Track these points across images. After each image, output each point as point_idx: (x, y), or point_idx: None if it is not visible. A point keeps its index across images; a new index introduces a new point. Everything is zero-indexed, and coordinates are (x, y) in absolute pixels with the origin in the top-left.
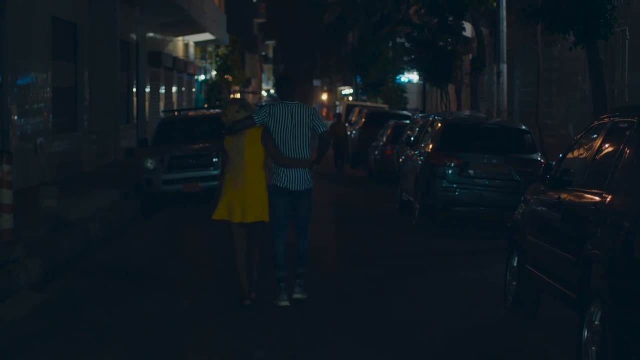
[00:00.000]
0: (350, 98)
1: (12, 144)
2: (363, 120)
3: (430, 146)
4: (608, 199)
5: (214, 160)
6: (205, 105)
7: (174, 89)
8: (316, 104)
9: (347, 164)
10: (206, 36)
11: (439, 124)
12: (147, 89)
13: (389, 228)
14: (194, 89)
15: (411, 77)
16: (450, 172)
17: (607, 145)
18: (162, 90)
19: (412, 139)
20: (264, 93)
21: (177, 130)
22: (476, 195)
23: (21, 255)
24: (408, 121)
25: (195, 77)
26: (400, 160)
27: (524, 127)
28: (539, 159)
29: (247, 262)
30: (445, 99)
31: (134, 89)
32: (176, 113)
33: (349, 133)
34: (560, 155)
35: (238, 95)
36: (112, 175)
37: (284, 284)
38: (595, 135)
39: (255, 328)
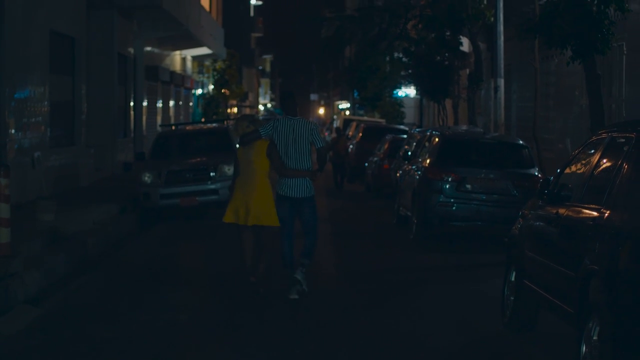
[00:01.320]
0: (348, 112)
1: (9, 157)
2: (360, 134)
3: (428, 161)
4: (606, 214)
5: (212, 174)
6: (203, 120)
7: (172, 103)
8: (313, 117)
9: (345, 180)
10: (204, 50)
11: (436, 139)
12: (145, 103)
13: (386, 243)
14: (191, 103)
15: (408, 91)
16: (447, 187)
17: (605, 161)
18: (160, 105)
19: (409, 153)
20: (261, 107)
21: (175, 145)
22: (474, 210)
23: (18, 270)
24: (405, 136)
25: (193, 91)
26: (398, 175)
27: (521, 142)
28: (536, 173)
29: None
30: (443, 114)
31: (132, 103)
32: (173, 127)
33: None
34: (558, 170)
35: (235, 110)
36: (109, 189)
37: (292, 284)
38: (593, 151)
39: (254, 343)
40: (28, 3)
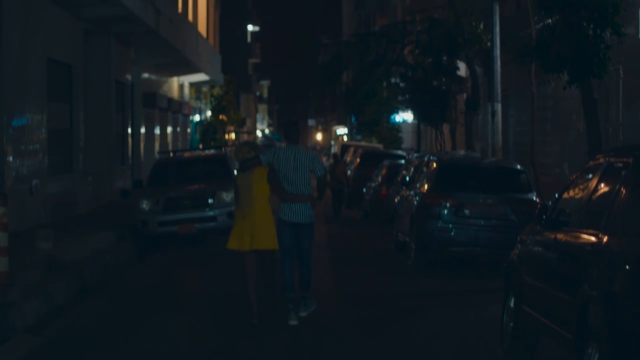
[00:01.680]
0: (345, 138)
1: (7, 185)
2: (358, 160)
3: (426, 186)
4: (604, 240)
5: (209, 201)
6: (201, 146)
7: (169, 129)
8: (310, 143)
9: (343, 206)
10: (201, 77)
11: (434, 164)
12: (142, 130)
13: (385, 268)
14: (189, 130)
15: (406, 116)
16: (445, 212)
17: (602, 186)
18: (157, 131)
19: (407, 179)
20: (258, 133)
21: (173, 172)
22: (472, 235)
23: (16, 298)
24: (403, 161)
25: (190, 117)
26: (396, 200)
27: (519, 167)
28: (534, 198)
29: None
30: (440, 139)
31: (129, 130)
32: (171, 154)
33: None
34: (556, 195)
35: (233, 136)
36: (107, 216)
37: (293, 304)
38: (590, 176)
39: None
40: (25, 31)
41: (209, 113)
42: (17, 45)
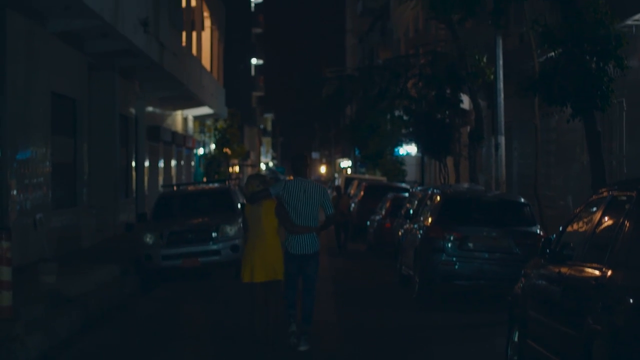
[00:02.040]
0: (349, 170)
1: (11, 219)
2: (362, 193)
3: (430, 220)
4: (609, 274)
5: (213, 235)
6: (204, 179)
7: (173, 162)
8: (314, 176)
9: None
10: (205, 110)
11: (438, 197)
12: (147, 163)
13: (389, 302)
14: (193, 163)
15: (409, 149)
16: (449, 245)
17: (606, 219)
18: (161, 165)
19: (411, 212)
20: (262, 166)
21: (176, 205)
22: (476, 269)
23: (20, 333)
24: (407, 194)
25: (194, 150)
26: (400, 233)
27: (522, 200)
28: (538, 231)
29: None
30: (444, 171)
31: (133, 163)
32: (175, 188)
33: None
34: (560, 228)
35: (237, 169)
36: (111, 250)
37: (294, 321)
38: (594, 209)
39: None
40: (30, 65)
41: (212, 146)
42: (22, 79)
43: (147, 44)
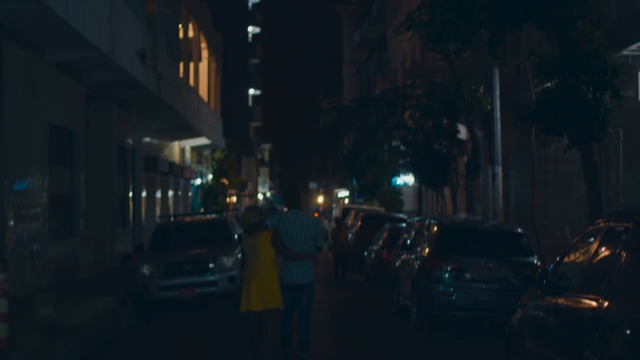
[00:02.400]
0: (347, 200)
1: (7, 250)
2: (359, 223)
3: (427, 250)
4: (605, 305)
5: (210, 265)
6: (202, 210)
7: (170, 193)
8: (311, 206)
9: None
10: (202, 140)
11: (435, 228)
12: (144, 194)
13: (386, 332)
14: (190, 194)
15: (407, 179)
16: (446, 276)
17: (603, 250)
18: (159, 195)
19: (408, 242)
20: (260, 196)
21: (174, 236)
22: (473, 299)
23: None
24: (404, 224)
25: (192, 181)
26: (397, 264)
27: (519, 230)
28: (535, 261)
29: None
30: (441, 201)
31: (131, 194)
32: (172, 218)
33: None
34: (557, 259)
35: (234, 199)
36: (108, 281)
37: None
38: (591, 240)
39: None
40: (27, 96)
41: (210, 177)
42: (19, 110)
43: (144, 75)
